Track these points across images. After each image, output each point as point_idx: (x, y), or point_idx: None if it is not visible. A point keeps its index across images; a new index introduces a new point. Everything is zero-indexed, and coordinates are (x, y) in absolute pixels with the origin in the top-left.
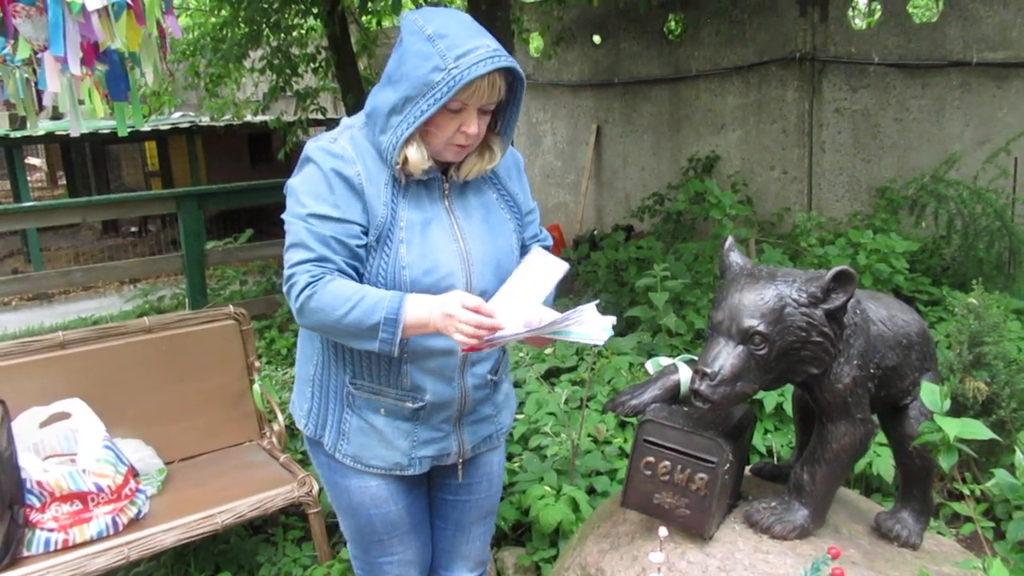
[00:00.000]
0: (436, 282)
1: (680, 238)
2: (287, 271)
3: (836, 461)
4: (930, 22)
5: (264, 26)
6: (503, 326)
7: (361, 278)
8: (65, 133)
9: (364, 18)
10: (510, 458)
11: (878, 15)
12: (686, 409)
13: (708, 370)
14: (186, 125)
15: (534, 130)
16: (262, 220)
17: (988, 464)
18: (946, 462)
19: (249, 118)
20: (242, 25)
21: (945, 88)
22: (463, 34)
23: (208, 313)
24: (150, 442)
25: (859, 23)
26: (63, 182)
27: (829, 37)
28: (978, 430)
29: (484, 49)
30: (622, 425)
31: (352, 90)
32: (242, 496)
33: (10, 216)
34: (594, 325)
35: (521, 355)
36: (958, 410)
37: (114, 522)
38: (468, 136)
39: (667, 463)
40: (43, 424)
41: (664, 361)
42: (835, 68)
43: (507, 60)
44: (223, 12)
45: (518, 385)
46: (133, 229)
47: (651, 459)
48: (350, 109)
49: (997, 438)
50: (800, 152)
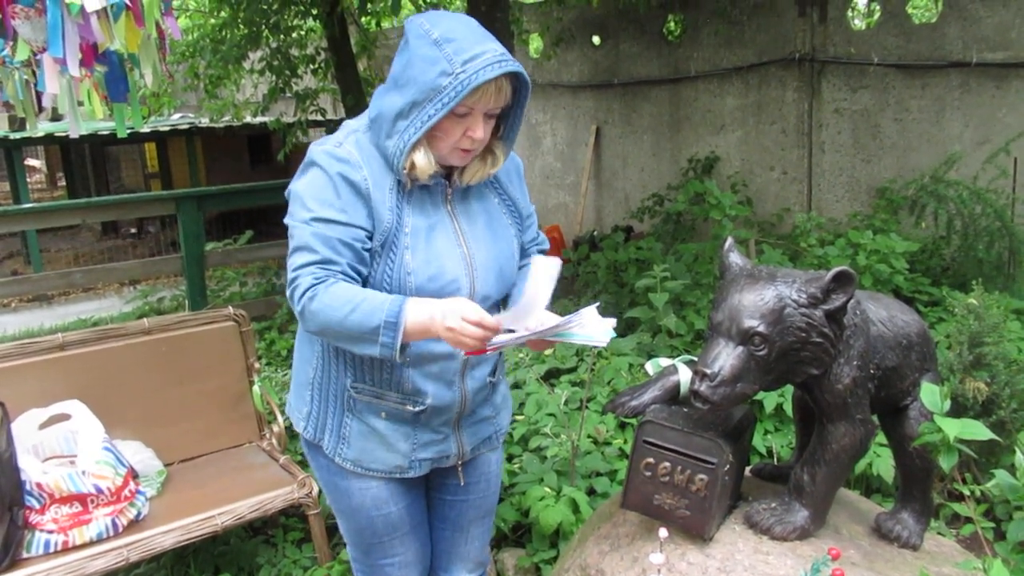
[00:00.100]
0: (441, 288)
1: (680, 239)
2: (291, 274)
3: (836, 462)
4: (929, 22)
5: (263, 27)
6: (503, 328)
7: (366, 283)
8: (64, 134)
9: (363, 19)
10: (510, 459)
11: (877, 15)
12: (686, 410)
13: (708, 371)
14: (185, 126)
15: (533, 131)
16: (262, 221)
17: (988, 465)
18: (946, 463)
19: (249, 119)
20: (241, 26)
21: (945, 88)
22: (470, 38)
23: (208, 314)
24: (150, 444)
25: (858, 23)
26: (62, 184)
27: (828, 38)
28: (978, 431)
29: (491, 54)
30: (622, 426)
31: (351, 91)
32: (242, 497)
33: (10, 217)
34: (596, 327)
35: (521, 356)
36: (958, 411)
37: (114, 524)
38: (474, 140)
39: (667, 464)
40: (43, 426)
41: (664, 362)
42: (834, 69)
43: (514, 65)
44: (222, 13)
45: (518, 386)
46: (132, 231)
47: (651, 460)
48: (349, 110)
49: (997, 439)
50: (800, 153)
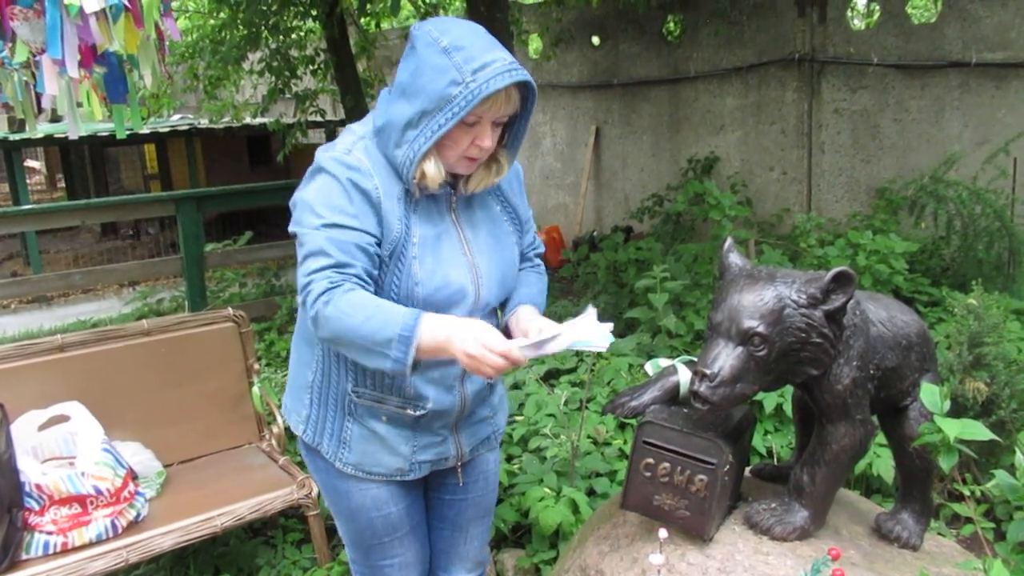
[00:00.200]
0: (448, 297)
1: (679, 239)
2: (304, 279)
3: (836, 462)
4: (929, 23)
5: (263, 28)
6: (524, 362)
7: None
8: (64, 136)
9: (363, 20)
10: (510, 460)
11: (877, 16)
12: (685, 410)
13: (707, 371)
14: (185, 127)
15: (533, 132)
16: (261, 222)
17: (988, 465)
18: (946, 463)
19: (248, 120)
20: (241, 27)
21: (944, 89)
22: (479, 46)
23: (207, 315)
24: (149, 445)
25: (858, 24)
26: (62, 185)
27: (828, 38)
28: (978, 431)
29: (501, 63)
30: (621, 427)
31: (351, 92)
32: (241, 498)
33: (9, 219)
34: (595, 332)
35: None
36: (958, 411)
37: (113, 525)
38: (482, 149)
39: (667, 465)
40: (42, 427)
41: (663, 362)
42: (834, 69)
43: (524, 74)
44: (222, 14)
45: (518, 387)
46: (132, 232)
47: (651, 461)
48: (349, 111)
49: (997, 439)
50: (799, 153)
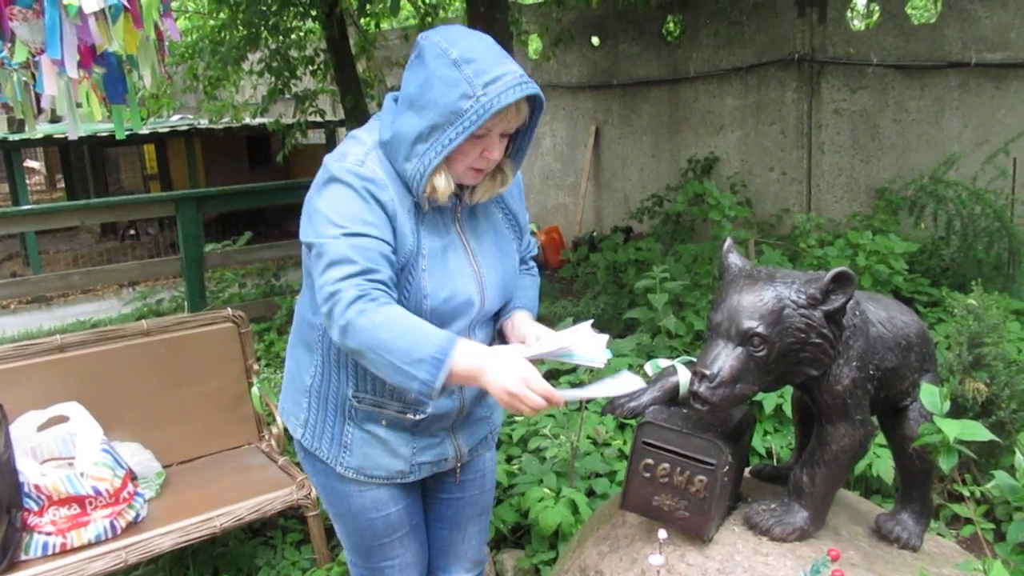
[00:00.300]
0: (454, 309)
1: (679, 239)
2: (329, 289)
3: (835, 463)
4: (929, 23)
5: (262, 28)
6: (563, 403)
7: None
8: (63, 136)
9: (362, 20)
10: (509, 460)
11: (876, 16)
12: (685, 411)
13: (707, 372)
14: (185, 128)
15: None
16: (261, 222)
17: (988, 465)
18: (946, 464)
19: (248, 121)
20: (240, 27)
21: (944, 89)
22: (489, 59)
23: (207, 316)
24: (148, 445)
25: (857, 24)
26: (62, 185)
27: (828, 38)
28: (978, 431)
29: (512, 76)
30: (621, 427)
31: (351, 92)
32: (241, 499)
33: (9, 219)
34: (593, 347)
35: None
36: (958, 411)
37: (112, 526)
38: (490, 161)
39: (666, 465)
40: (41, 428)
41: (663, 363)
42: (834, 69)
43: (533, 87)
44: (221, 15)
45: None
46: (132, 232)
47: (650, 461)
48: (348, 111)
49: (997, 439)
50: (799, 153)
